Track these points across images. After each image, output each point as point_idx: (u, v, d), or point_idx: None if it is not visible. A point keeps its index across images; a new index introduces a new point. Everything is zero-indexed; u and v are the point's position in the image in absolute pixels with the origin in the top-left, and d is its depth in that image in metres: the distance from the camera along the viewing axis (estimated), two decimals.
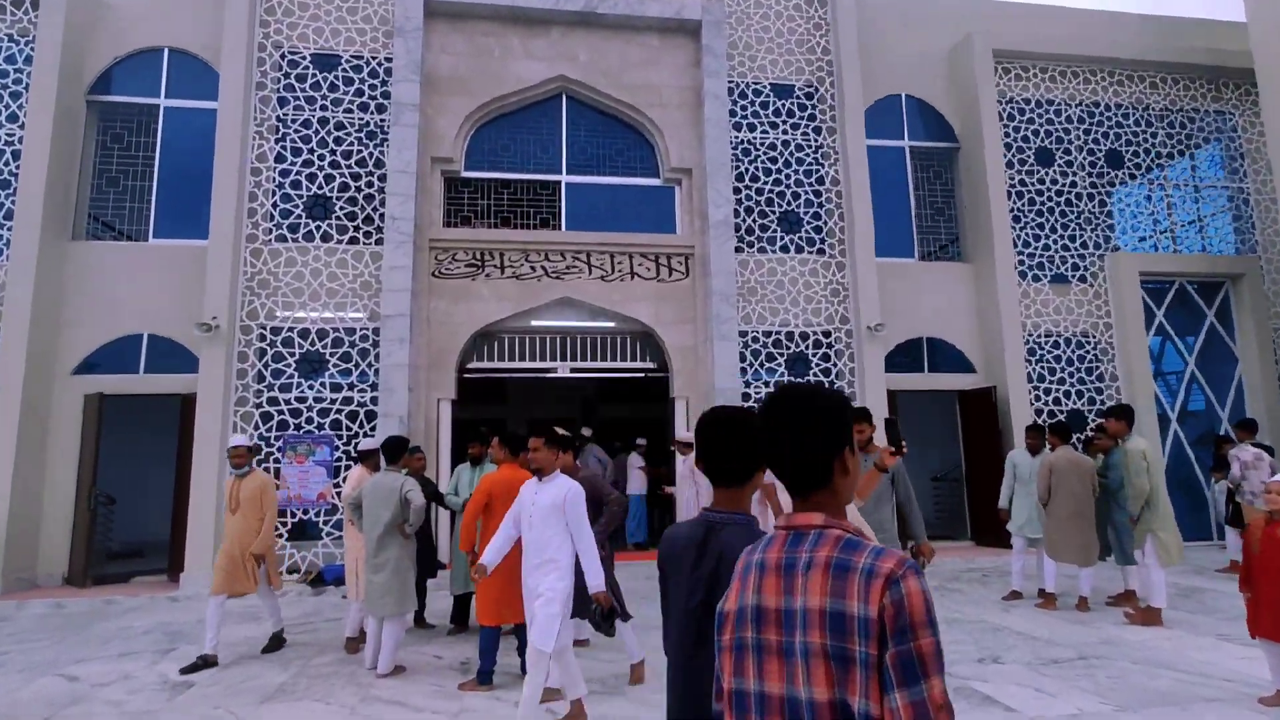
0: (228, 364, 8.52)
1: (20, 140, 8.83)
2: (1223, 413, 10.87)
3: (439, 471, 8.87)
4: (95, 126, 9.41)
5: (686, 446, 7.60)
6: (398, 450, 5.03)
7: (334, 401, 8.86)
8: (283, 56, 9.38)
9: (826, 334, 9.99)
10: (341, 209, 9.22)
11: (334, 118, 9.35)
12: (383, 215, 9.12)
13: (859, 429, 4.12)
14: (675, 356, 9.68)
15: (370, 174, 9.31)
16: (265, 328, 8.83)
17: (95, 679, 5.04)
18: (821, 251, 10.18)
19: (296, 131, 9.25)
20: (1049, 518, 6.71)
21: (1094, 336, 10.76)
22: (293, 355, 8.86)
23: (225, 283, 8.58)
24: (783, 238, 10.12)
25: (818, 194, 10.29)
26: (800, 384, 1.35)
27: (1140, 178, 11.47)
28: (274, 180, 9.13)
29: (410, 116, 9.23)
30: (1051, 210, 11.03)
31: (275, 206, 9.09)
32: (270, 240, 9.01)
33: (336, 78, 9.42)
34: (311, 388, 8.84)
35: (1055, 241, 10.95)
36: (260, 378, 8.76)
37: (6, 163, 8.88)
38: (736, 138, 10.16)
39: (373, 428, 8.73)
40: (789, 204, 10.20)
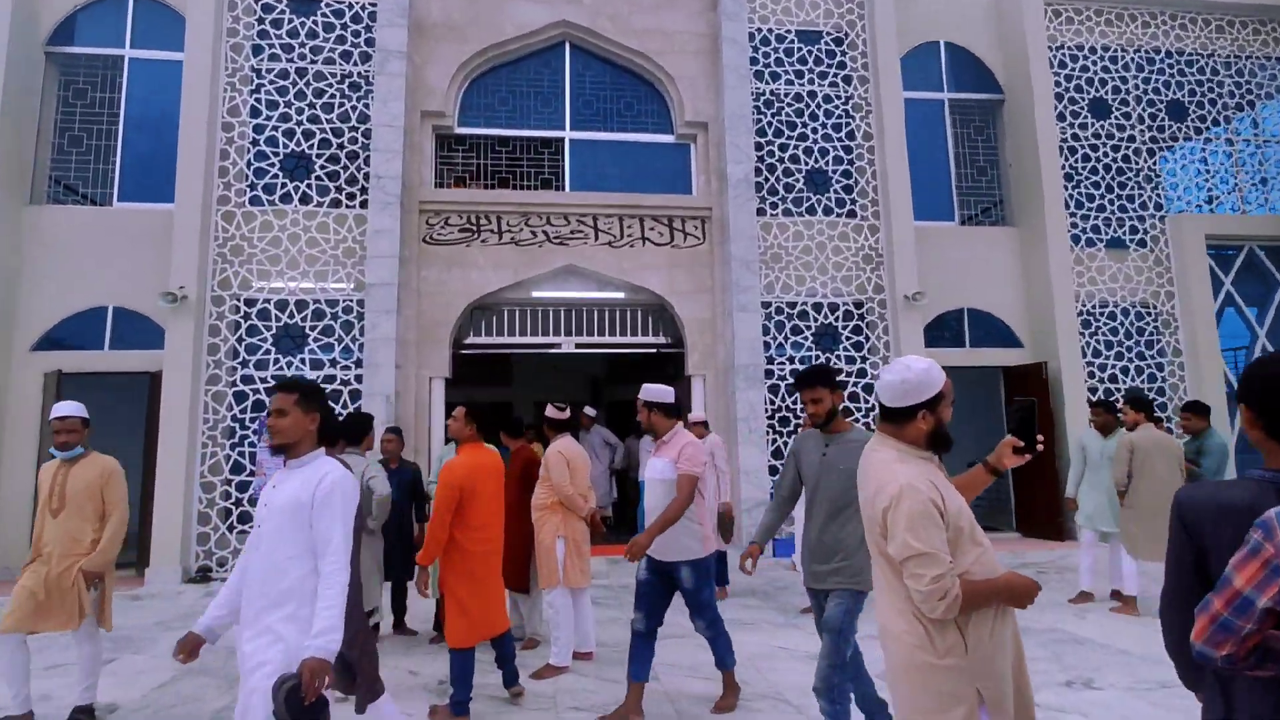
0: (197, 338, 7.72)
1: None
2: None
3: (431, 457, 8.05)
4: (55, 80, 8.59)
5: (702, 428, 6.74)
6: (359, 429, 4.19)
7: (315, 379, 8.04)
8: (257, 0, 8.51)
9: (858, 305, 9.04)
10: (322, 168, 8.36)
11: (313, 68, 8.47)
12: (367, 175, 8.25)
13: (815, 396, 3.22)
14: (691, 330, 8.78)
15: (354, 129, 8.44)
16: (239, 299, 8.02)
17: None
18: (852, 214, 9.21)
19: (272, 83, 8.39)
20: (1127, 508, 5.77)
21: (1154, 307, 9.73)
22: (269, 329, 8.05)
23: (193, 249, 7.76)
24: (809, 198, 9.15)
25: (848, 150, 9.30)
26: None
27: (1205, 131, 10.36)
28: (248, 137, 8.28)
29: (397, 65, 8.34)
30: (1107, 168, 9.96)
31: (249, 165, 8.25)
32: (244, 203, 8.18)
33: (315, 23, 8.54)
34: (290, 364, 8.03)
35: (1111, 202, 9.90)
36: (234, 354, 7.96)
37: None
38: (757, 88, 9.18)
39: (357, 408, 7.91)
40: (816, 161, 9.22)
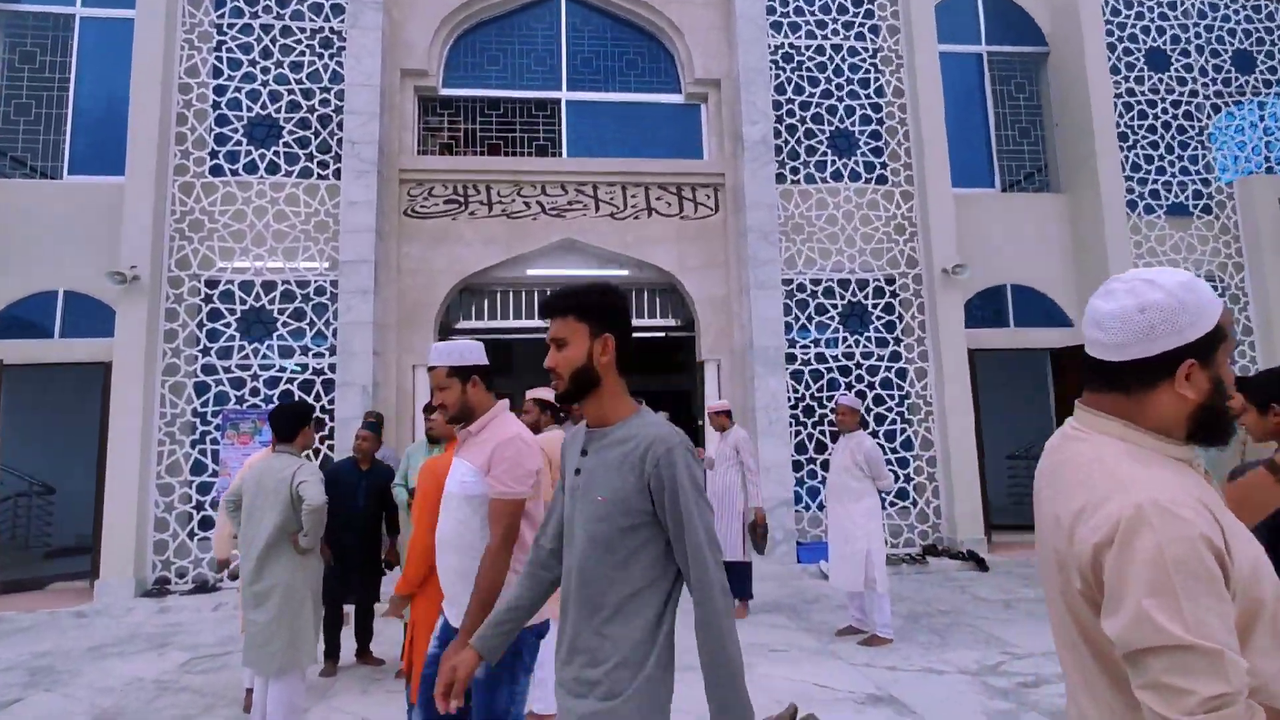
0: (152, 324, 6.91)
1: None
2: None
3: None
4: (0, 43, 7.80)
5: (724, 418, 5.85)
6: (290, 422, 3.34)
7: (284, 369, 7.23)
8: None
9: (889, 280, 8.09)
10: (291, 133, 7.51)
11: (280, 23, 7.61)
12: (341, 141, 7.39)
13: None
14: (703, 310, 7.88)
15: (325, 90, 7.58)
16: (199, 279, 7.20)
17: None
18: (882, 179, 8.26)
19: (235, 39, 7.54)
20: None
21: (1222, 279, 8.71)
22: (233, 313, 7.23)
23: (146, 224, 6.94)
24: (834, 162, 8.20)
25: (877, 109, 8.35)
26: None
27: (1276, 85, 9.30)
28: (208, 99, 7.45)
29: (372, 17, 7.47)
30: (1166, 126, 8.94)
31: (210, 131, 7.42)
32: (204, 173, 7.35)
33: None
34: (257, 353, 7.21)
35: (1171, 164, 8.88)
36: (194, 340, 7.15)
37: None
38: (775, 41, 8.23)
39: (331, 400, 7.09)
40: (841, 121, 8.27)
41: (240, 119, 7.46)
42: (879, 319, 8.02)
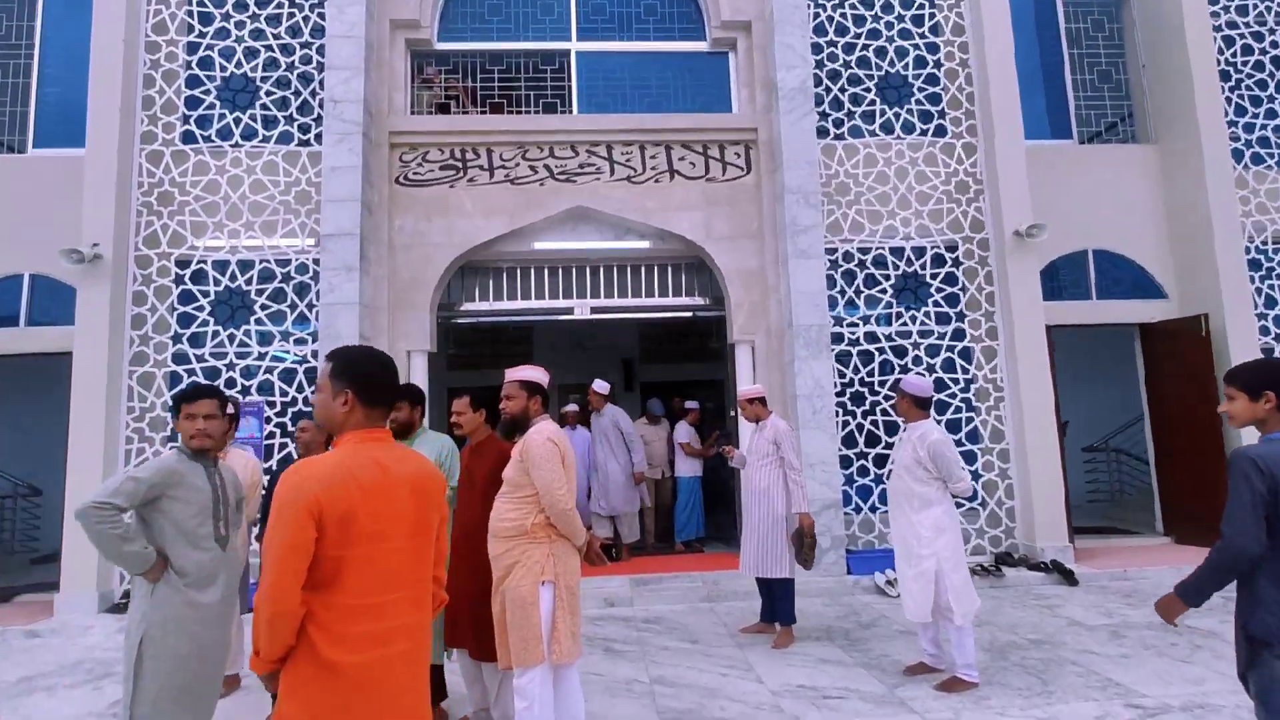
0: (116, 308, 6.20)
1: None
2: None
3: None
4: None
5: (759, 406, 4.89)
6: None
7: (263, 356, 6.46)
8: None
9: (951, 247, 6.99)
10: (269, 94, 6.73)
11: None
12: (323, 102, 6.58)
13: None
14: (735, 285, 6.89)
15: (306, 45, 6.78)
16: (170, 258, 6.47)
17: None
18: (941, 131, 7.15)
19: None
20: None
21: None
22: (207, 295, 6.48)
23: (108, 198, 6.22)
24: (884, 112, 7.12)
25: (933, 49, 7.23)
26: None
27: None
28: (178, 59, 6.70)
29: None
30: (1278, 61, 7.65)
31: (180, 94, 6.67)
32: (174, 140, 6.61)
33: None
34: (233, 339, 6.45)
35: None
36: (164, 326, 6.41)
37: None
38: None
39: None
40: (892, 65, 7.18)
41: (213, 79, 6.70)
42: (939, 291, 6.93)
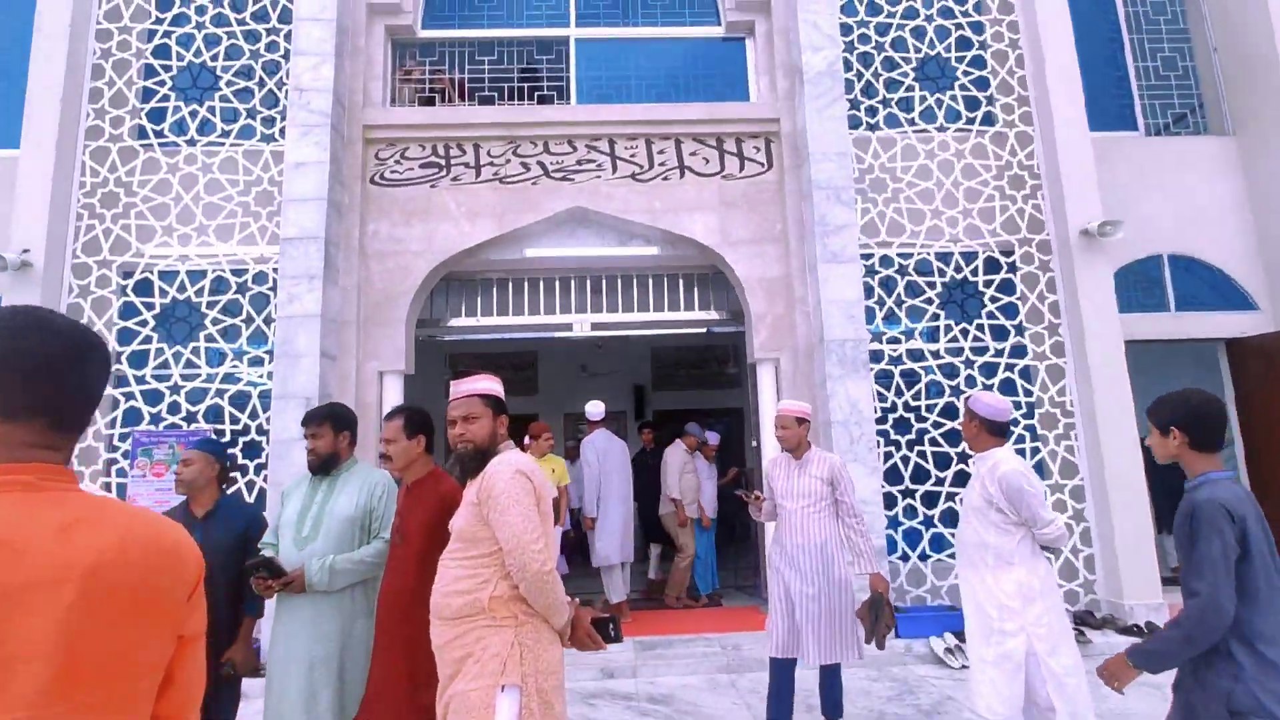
0: None
1: None
2: None
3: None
4: None
5: (802, 429, 3.85)
6: None
7: (213, 378, 5.62)
8: None
9: (1006, 250, 6.06)
10: (230, 84, 6.01)
11: None
12: (289, 92, 5.85)
13: None
14: (756, 296, 5.99)
15: (273, 32, 6.08)
16: (111, 266, 5.69)
17: None
18: (990, 119, 6.27)
19: None
20: None
21: None
22: (151, 308, 5.69)
23: (42, 199, 5.49)
24: (924, 100, 6.26)
25: (978, 29, 6.40)
26: None
27: None
28: (130, 47, 6.02)
29: None
30: None
31: (131, 85, 5.97)
32: (122, 135, 5.89)
33: None
34: (179, 358, 5.63)
35: None
36: None
37: None
38: None
39: (270, 419, 5.42)
40: (931, 47, 6.35)
41: (169, 69, 6.01)
42: (994, 301, 5.98)
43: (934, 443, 5.73)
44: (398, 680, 2.39)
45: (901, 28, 6.33)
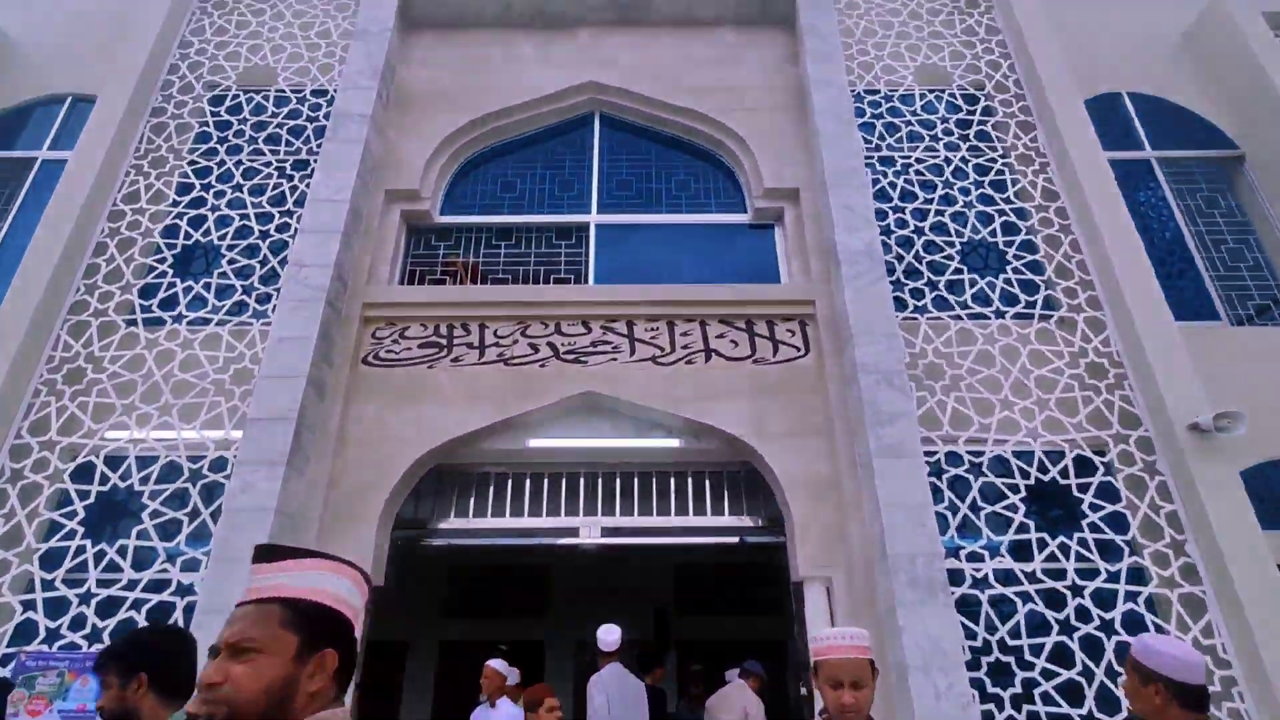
0: None
1: None
2: None
3: None
4: None
5: (867, 672, 2.62)
6: None
7: (135, 584, 4.61)
8: (198, 79, 6.65)
9: (1098, 449, 5.05)
10: (232, 262, 5.73)
11: (251, 145, 6.28)
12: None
13: None
14: (798, 498, 4.97)
15: (287, 214, 5.93)
16: (54, 448, 4.98)
17: None
18: (1051, 304, 5.62)
19: (193, 164, 6.18)
20: None
21: None
22: (86, 497, 4.86)
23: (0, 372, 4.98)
24: (974, 283, 5.69)
25: (1022, 215, 6.00)
26: None
27: None
28: (140, 226, 5.88)
29: (355, 129, 6.02)
30: None
31: (130, 262, 5.72)
32: (108, 310, 5.51)
33: (266, 99, 6.52)
34: (102, 557, 4.68)
35: None
36: (13, 538, 4.72)
37: None
38: (868, 141, 6.30)
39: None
40: (975, 231, 5.93)
41: (174, 246, 5.79)
42: (1094, 509, 4.85)
43: (1049, 700, 4.30)
44: None
45: (940, 213, 5.97)
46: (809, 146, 6.29)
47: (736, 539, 5.53)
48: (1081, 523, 4.79)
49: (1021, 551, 4.72)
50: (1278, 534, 4.94)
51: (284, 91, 6.52)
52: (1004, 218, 5.96)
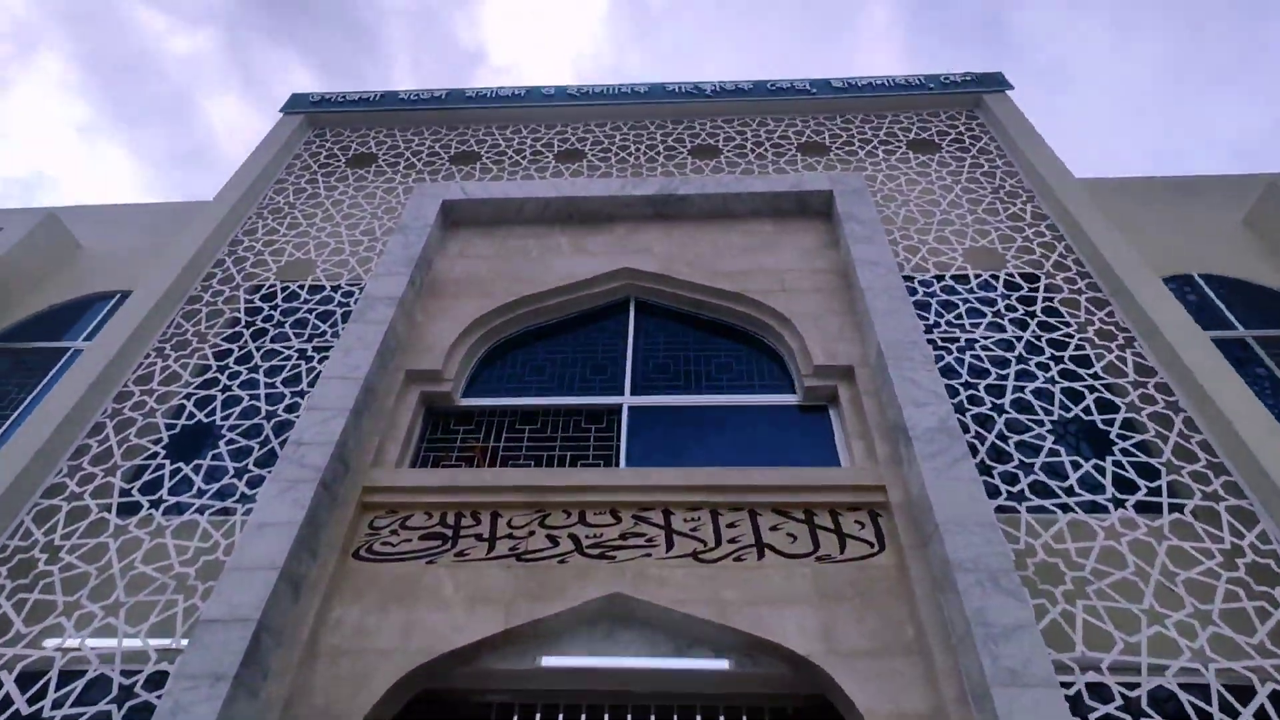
0: None
1: None
2: None
3: None
4: None
5: None
6: None
7: None
8: (240, 270, 6.75)
9: None
10: (231, 444, 5.22)
11: (278, 328, 6.11)
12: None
13: None
14: None
15: (299, 394, 5.54)
16: None
17: None
18: (1182, 491, 4.61)
19: (214, 347, 5.99)
20: None
21: None
22: None
23: None
24: (1078, 465, 4.76)
25: (1118, 391, 5.23)
26: None
27: None
28: (146, 407, 5.51)
29: (381, 310, 5.84)
30: None
31: (124, 444, 5.26)
32: (84, 495, 4.93)
33: (301, 288, 6.50)
34: None
35: None
36: None
37: None
38: (924, 318, 5.82)
39: None
40: (1065, 410, 5.13)
41: (173, 427, 5.36)
42: None
43: None
44: None
45: (1020, 389, 5.26)
46: (859, 326, 5.85)
47: None
48: None
49: None
50: None
51: (320, 281, 6.53)
52: (1095, 394, 5.20)
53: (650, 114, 8.62)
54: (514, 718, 4.38)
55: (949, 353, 5.53)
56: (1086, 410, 5.09)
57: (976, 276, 6.20)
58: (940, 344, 5.60)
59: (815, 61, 35.06)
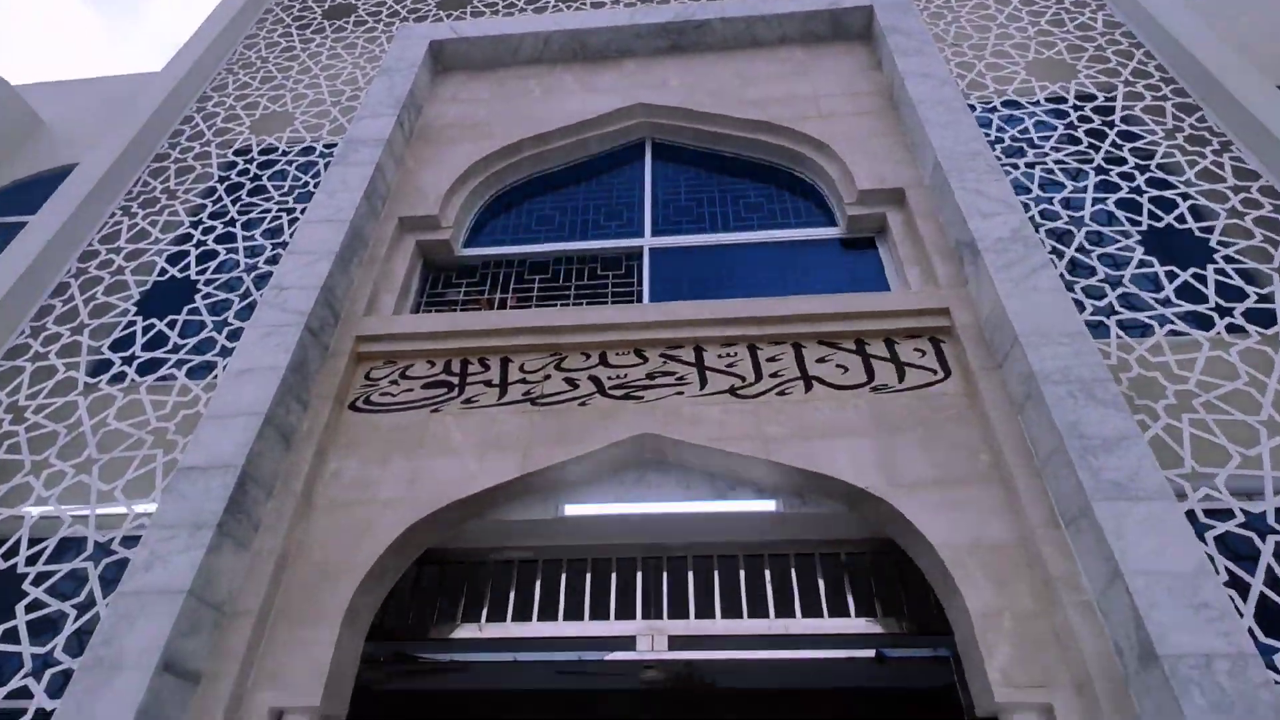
0: None
1: None
2: None
3: None
4: None
5: None
6: None
7: None
8: (210, 126, 6.07)
9: None
10: (208, 297, 4.68)
11: (255, 181, 5.48)
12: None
13: None
14: (971, 579, 3.20)
15: (280, 245, 4.95)
16: None
17: None
18: None
19: (185, 203, 5.38)
20: None
21: None
22: None
23: None
24: (1174, 275, 4.11)
25: (1218, 197, 4.51)
26: None
27: None
28: (113, 265, 4.97)
29: (367, 153, 5.18)
30: None
31: (91, 302, 4.74)
32: (50, 355, 4.46)
33: (279, 139, 5.82)
34: None
35: None
36: None
37: None
38: (986, 134, 5.06)
39: None
40: (1155, 219, 4.43)
41: (144, 284, 4.82)
42: None
43: None
44: None
45: (1101, 200, 4.55)
46: (910, 147, 5.11)
47: (871, 652, 3.69)
48: None
49: None
50: None
51: (299, 133, 5.84)
52: (1190, 201, 4.49)
53: None
54: (537, 573, 3.98)
55: (1017, 168, 4.80)
56: (1180, 218, 4.39)
57: (1044, 88, 5.38)
58: (1005, 158, 4.86)
59: None
